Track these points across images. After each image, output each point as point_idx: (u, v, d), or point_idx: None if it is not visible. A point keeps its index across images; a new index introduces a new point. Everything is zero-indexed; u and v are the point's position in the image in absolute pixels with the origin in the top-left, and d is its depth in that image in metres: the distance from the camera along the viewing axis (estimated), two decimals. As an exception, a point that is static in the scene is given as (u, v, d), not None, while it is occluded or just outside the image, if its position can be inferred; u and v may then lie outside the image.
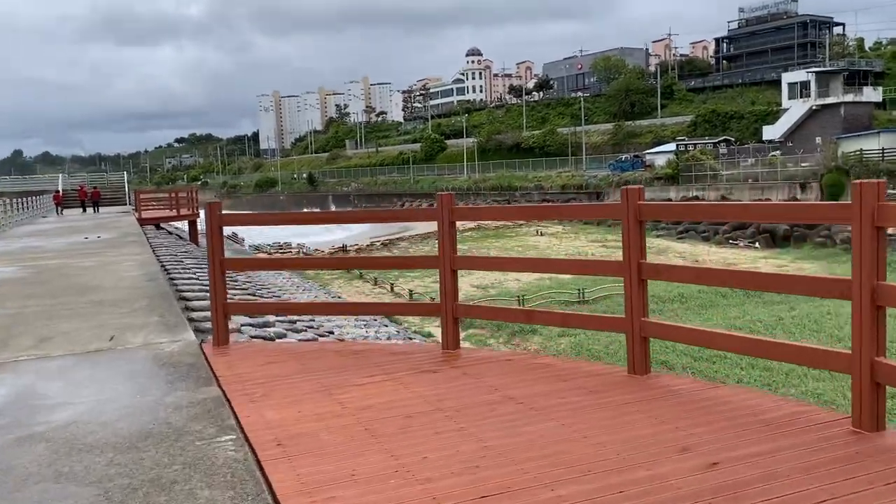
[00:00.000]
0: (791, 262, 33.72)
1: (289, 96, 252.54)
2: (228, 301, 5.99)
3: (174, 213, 26.07)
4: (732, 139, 64.07)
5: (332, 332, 12.84)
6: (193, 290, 9.63)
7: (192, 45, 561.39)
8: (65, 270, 9.84)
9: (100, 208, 31.97)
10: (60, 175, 46.42)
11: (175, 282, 9.96)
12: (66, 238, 15.89)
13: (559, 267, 7.12)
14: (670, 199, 54.20)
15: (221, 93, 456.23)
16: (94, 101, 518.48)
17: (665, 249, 38.60)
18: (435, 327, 22.74)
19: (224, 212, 5.98)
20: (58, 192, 34.85)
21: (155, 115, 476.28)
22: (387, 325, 16.52)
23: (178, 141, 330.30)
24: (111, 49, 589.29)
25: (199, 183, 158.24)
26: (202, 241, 36.60)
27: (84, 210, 32.10)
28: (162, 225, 27.51)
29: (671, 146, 65.06)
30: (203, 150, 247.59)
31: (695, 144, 61.50)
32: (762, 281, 4.89)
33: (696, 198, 52.80)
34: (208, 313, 8.55)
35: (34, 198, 38.74)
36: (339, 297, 26.84)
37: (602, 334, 20.53)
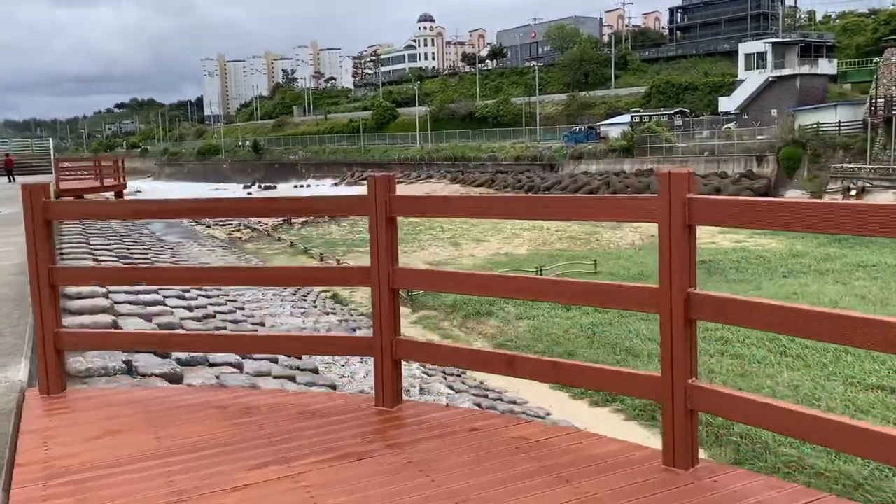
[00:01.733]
0: (749, 237, 33.00)
1: (234, 61, 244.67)
2: (64, 331, 4.23)
3: (97, 183, 23.72)
4: (687, 111, 63.42)
5: (262, 324, 11.10)
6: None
7: (133, 5, 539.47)
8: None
9: (15, 178, 29.24)
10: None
11: None
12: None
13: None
14: (625, 171, 53.37)
15: (164, 57, 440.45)
16: (28, 64, 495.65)
17: (620, 224, 37.53)
18: (343, 291, 21.16)
19: (60, 200, 4.23)
20: (-29, 159, 31.84)
21: (95, 79, 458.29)
22: (330, 313, 14.79)
23: (118, 106, 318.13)
24: (44, 9, 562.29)
25: (140, 150, 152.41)
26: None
27: (-3, 179, 29.34)
28: (87, 197, 25.08)
29: (626, 118, 64.10)
30: (145, 116, 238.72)
31: (650, 116, 60.66)
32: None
33: (651, 170, 51.98)
34: (90, 317, 6.75)
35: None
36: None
37: (562, 316, 19.25)
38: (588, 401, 12.99)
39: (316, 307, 14.85)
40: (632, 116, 62.42)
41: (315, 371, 8.56)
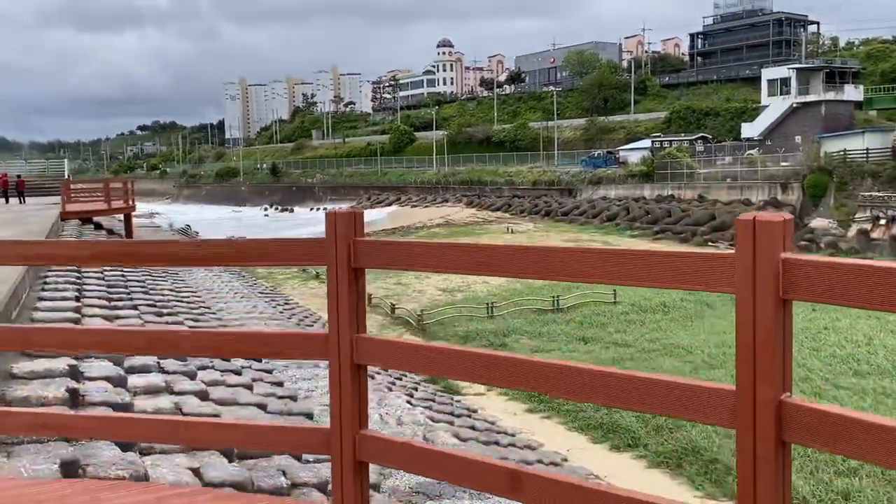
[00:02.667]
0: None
1: (256, 85, 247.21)
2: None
3: (105, 206, 23.25)
4: (709, 137, 62.52)
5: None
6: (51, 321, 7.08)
7: (157, 31, 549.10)
8: None
9: (25, 199, 28.93)
10: (-9, 161, 42.89)
11: (36, 310, 7.39)
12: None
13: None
14: (644, 197, 52.43)
15: (187, 81, 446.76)
16: (55, 87, 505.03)
17: (642, 251, 36.61)
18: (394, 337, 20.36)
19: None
20: (-16, 180, 31.61)
21: (118, 102, 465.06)
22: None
23: (140, 128, 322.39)
24: (72, 34, 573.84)
25: (159, 172, 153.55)
26: (140, 236, 33.55)
27: (7, 201, 29.00)
28: (99, 220, 24.60)
29: (646, 143, 63.29)
30: (166, 139, 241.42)
31: (670, 141, 59.80)
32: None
33: (672, 196, 51.06)
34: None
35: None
36: (292, 299, 24.25)
37: (581, 350, 18.33)
38: (608, 445, 12.08)
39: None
40: (652, 142, 61.59)
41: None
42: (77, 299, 8.22)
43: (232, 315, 14.59)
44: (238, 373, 8.03)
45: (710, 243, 39.13)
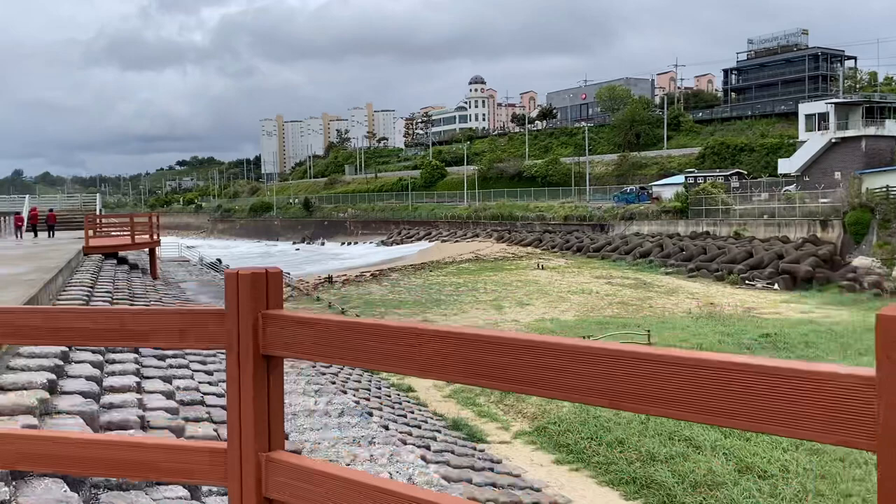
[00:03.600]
0: (816, 307, 30.61)
1: (292, 121, 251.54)
2: None
3: (129, 240, 23.13)
4: (744, 172, 61.35)
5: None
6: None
7: (197, 70, 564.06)
8: None
9: (55, 232, 29.10)
10: (27, 196, 43.64)
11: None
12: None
13: None
14: (678, 234, 51.36)
15: (225, 117, 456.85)
16: (98, 124, 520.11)
17: (675, 289, 35.54)
18: (417, 379, 19.64)
19: None
20: (17, 214, 32.00)
21: (158, 138, 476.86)
22: (347, 382, 13.37)
23: (179, 164, 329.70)
24: (116, 73, 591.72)
25: (194, 207, 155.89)
26: (165, 271, 33.51)
27: (36, 234, 29.21)
28: (124, 255, 24.49)
29: (679, 178, 62.36)
30: (204, 174, 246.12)
31: (705, 177, 58.77)
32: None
33: (707, 233, 49.91)
34: None
35: (4, 219, 35.87)
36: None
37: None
38: (641, 502, 11.21)
39: (335, 381, 13.43)
40: (686, 177, 60.63)
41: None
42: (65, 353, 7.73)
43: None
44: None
45: (746, 282, 37.94)
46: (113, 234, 25.09)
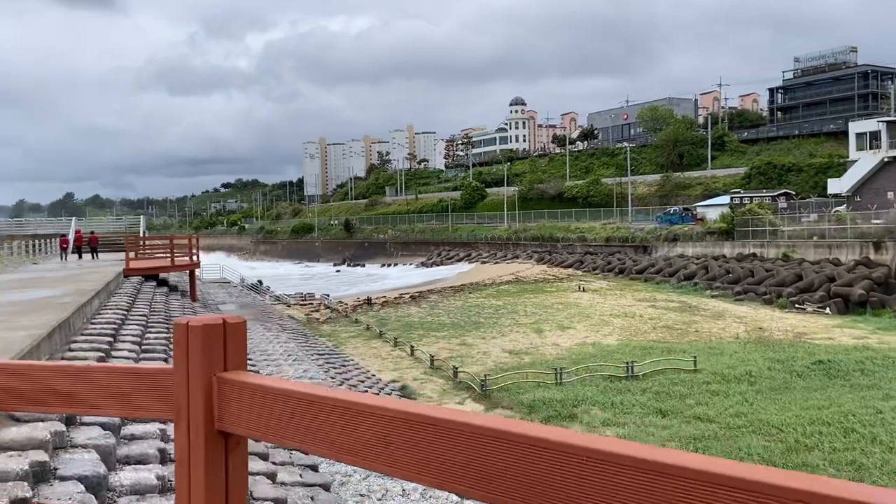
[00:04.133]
0: (871, 332, 29.32)
1: (334, 144, 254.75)
2: None
3: (168, 262, 23.26)
4: (792, 193, 59.76)
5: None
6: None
7: (242, 94, 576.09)
8: None
9: (98, 254, 29.51)
10: (73, 219, 44.59)
11: None
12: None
13: None
14: (724, 256, 50.08)
15: (269, 140, 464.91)
16: (147, 148, 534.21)
17: (722, 313, 34.48)
18: (455, 404, 19.20)
19: None
20: (63, 237, 32.61)
21: (204, 161, 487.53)
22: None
23: (224, 186, 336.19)
24: (165, 98, 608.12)
25: (237, 228, 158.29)
26: (206, 293, 33.72)
27: (80, 256, 29.66)
28: (164, 276, 24.66)
29: (724, 199, 61.04)
30: (248, 196, 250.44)
31: (751, 197, 57.39)
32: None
33: (754, 255, 48.55)
34: None
35: (48, 241, 36.69)
36: (352, 360, 23.54)
37: (657, 424, 16.79)
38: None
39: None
40: (731, 198, 59.31)
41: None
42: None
43: (281, 380, 13.85)
44: (264, 457, 7.15)
45: (796, 306, 36.64)
46: (156, 255, 25.30)
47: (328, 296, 47.53)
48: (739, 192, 61.60)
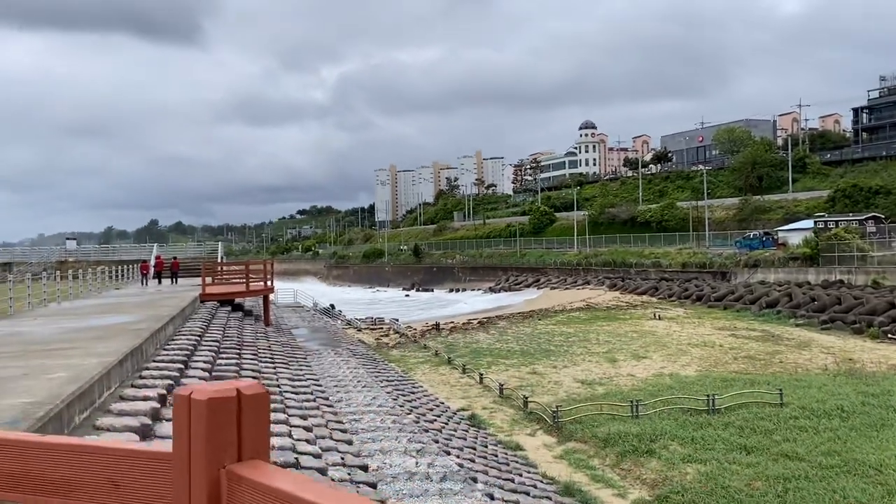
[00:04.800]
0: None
1: (405, 170, 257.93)
2: None
3: (244, 288, 23.62)
4: (882, 217, 56.77)
5: (364, 468, 9.19)
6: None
7: (316, 124, 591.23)
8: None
9: (178, 280, 30.32)
10: (155, 245, 46.18)
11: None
12: (76, 322, 13.20)
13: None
14: (808, 282, 47.85)
15: (342, 168, 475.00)
16: (226, 176, 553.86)
17: (808, 343, 32.74)
18: (526, 436, 18.64)
19: None
20: (145, 262, 33.73)
21: (281, 189, 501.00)
22: (454, 449, 12.62)
23: (300, 213, 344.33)
24: (242, 129, 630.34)
25: (311, 253, 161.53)
26: (279, 317, 34.16)
27: (160, 282, 30.53)
28: (240, 301, 25.06)
29: (807, 223, 58.49)
30: (322, 222, 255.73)
31: (836, 221, 54.77)
32: None
33: (841, 282, 46.20)
34: None
35: (132, 266, 38.02)
36: (420, 386, 23.27)
37: (741, 461, 15.82)
38: None
39: (438, 439, 12.71)
40: (815, 222, 56.78)
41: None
42: (163, 396, 7.47)
43: (349, 408, 13.67)
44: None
45: (889, 336, 34.50)
46: (232, 280, 25.76)
47: (397, 321, 47.62)
48: (824, 216, 58.92)
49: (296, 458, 7.88)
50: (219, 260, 39.31)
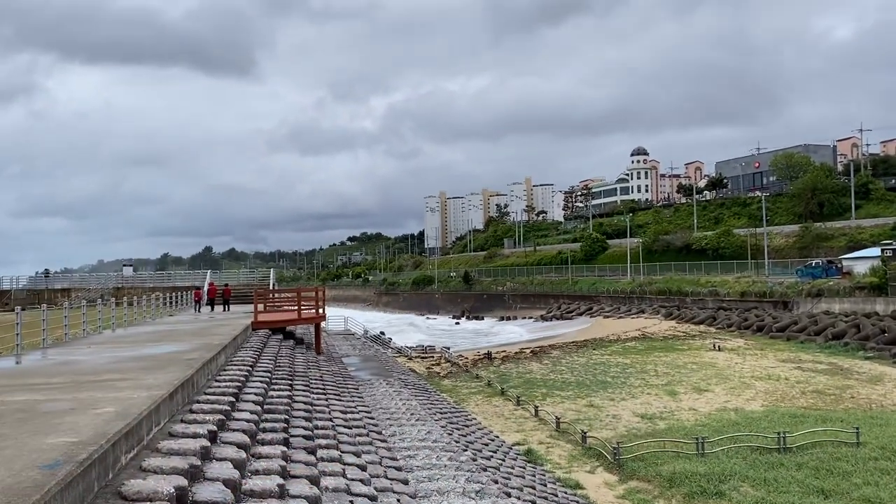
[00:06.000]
0: None
1: (454, 197, 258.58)
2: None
3: (296, 315, 23.42)
4: (955, 243, 54.03)
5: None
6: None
7: (366, 152, 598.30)
8: None
9: (230, 306, 30.41)
10: (208, 272, 46.69)
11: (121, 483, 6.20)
12: (128, 350, 13.08)
13: None
14: (877, 313, 45.71)
15: (392, 195, 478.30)
16: (278, 204, 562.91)
17: (880, 377, 31.04)
18: (585, 473, 17.81)
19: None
20: (198, 289, 33.99)
21: (331, 216, 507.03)
22: (515, 489, 12.00)
23: (350, 239, 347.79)
24: (295, 158, 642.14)
25: (361, 280, 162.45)
26: (330, 345, 33.93)
27: (212, 308, 30.63)
28: (291, 329, 24.90)
29: (874, 251, 56.07)
30: (372, 249, 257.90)
31: (906, 249, 52.31)
32: None
33: (913, 312, 43.95)
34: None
35: (186, 293, 38.42)
36: (474, 418, 22.64)
37: (820, 507, 14.73)
38: None
39: (497, 479, 12.08)
40: (882, 250, 54.37)
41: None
42: (213, 433, 7.10)
43: (403, 443, 13.17)
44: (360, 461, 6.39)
45: (971, 370, 32.47)
46: (284, 308, 25.62)
47: (448, 349, 47.05)
48: (892, 244, 56.41)
49: (350, 502, 7.43)
50: (271, 287, 39.43)
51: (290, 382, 13.58)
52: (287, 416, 9.95)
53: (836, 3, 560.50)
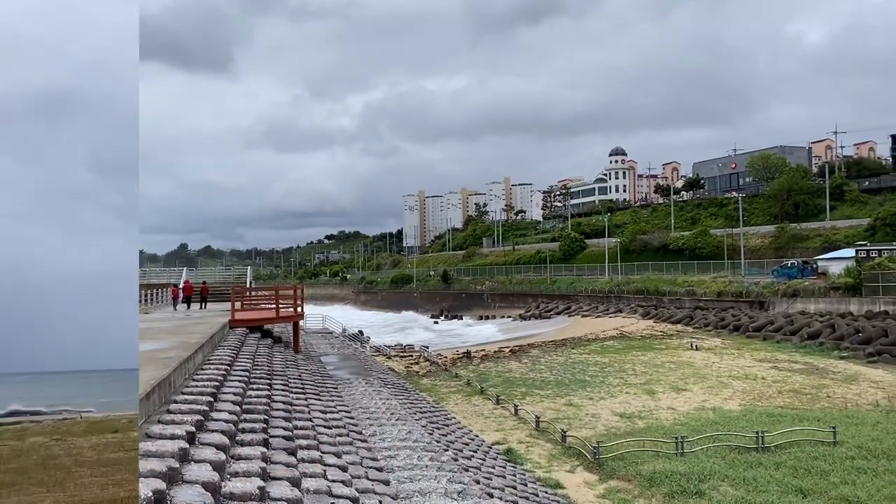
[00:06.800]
0: None
1: (433, 196, 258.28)
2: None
3: (274, 314, 23.17)
4: (927, 245, 55.02)
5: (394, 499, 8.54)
6: None
7: (344, 151, 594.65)
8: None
9: (207, 304, 30.05)
10: (185, 269, 46.07)
11: None
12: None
13: None
14: (851, 313, 46.35)
15: (370, 194, 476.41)
16: (255, 201, 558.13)
17: (854, 377, 31.41)
18: (566, 472, 17.77)
19: None
20: (175, 286, 33.55)
21: (309, 214, 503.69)
22: (496, 489, 11.90)
23: (328, 238, 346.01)
24: (272, 156, 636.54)
25: (339, 278, 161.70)
26: (308, 343, 33.65)
27: (189, 306, 30.26)
28: (269, 328, 24.61)
29: (848, 252, 56.93)
30: (350, 247, 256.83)
31: (879, 250, 53.20)
32: None
33: (886, 313, 44.63)
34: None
35: (161, 290, 37.86)
36: (453, 418, 22.52)
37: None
38: None
39: (479, 479, 11.98)
40: (856, 251, 55.23)
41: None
42: (192, 434, 6.91)
43: (384, 443, 13.03)
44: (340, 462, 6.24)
45: (943, 370, 32.99)
46: (262, 306, 25.35)
47: (427, 348, 46.91)
48: (866, 245, 57.28)
49: (332, 503, 7.28)
50: (248, 284, 39.04)
51: (268, 382, 13.37)
52: (266, 417, 9.77)
53: (808, 8, 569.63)
